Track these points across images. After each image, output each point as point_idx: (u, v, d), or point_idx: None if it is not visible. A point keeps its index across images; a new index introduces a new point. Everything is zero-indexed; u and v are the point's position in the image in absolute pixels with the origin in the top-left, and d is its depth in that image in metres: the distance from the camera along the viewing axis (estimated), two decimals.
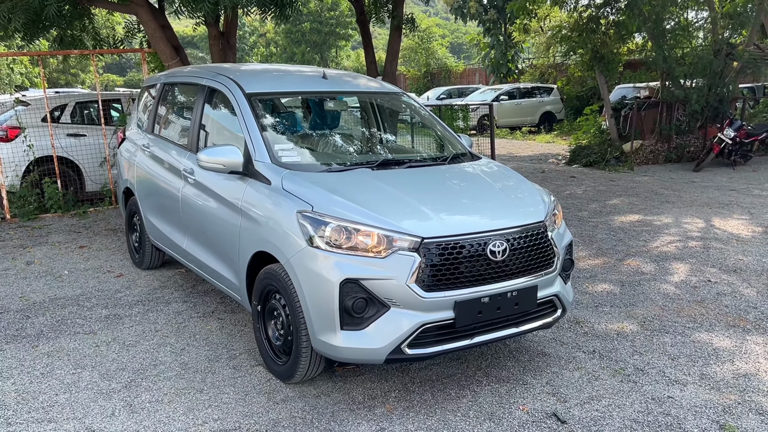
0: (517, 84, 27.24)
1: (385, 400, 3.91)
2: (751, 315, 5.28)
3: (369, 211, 3.71)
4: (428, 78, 39.84)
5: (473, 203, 4.09)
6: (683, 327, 5.04)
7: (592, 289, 5.97)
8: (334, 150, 4.87)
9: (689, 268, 6.57)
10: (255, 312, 4.26)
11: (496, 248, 3.75)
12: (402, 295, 3.56)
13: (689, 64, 13.91)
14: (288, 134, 4.75)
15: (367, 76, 11.38)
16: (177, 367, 4.34)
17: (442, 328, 3.70)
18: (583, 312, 5.38)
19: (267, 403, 3.86)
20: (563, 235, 4.32)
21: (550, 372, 4.29)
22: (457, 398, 3.93)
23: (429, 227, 3.68)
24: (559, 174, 13.34)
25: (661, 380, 4.16)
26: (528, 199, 4.27)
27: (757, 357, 4.50)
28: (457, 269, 3.66)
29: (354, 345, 3.59)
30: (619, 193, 10.91)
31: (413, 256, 3.58)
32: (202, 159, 4.31)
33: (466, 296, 3.67)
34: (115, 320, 5.21)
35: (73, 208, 9.28)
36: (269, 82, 5.01)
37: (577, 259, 6.93)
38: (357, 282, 3.55)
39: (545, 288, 4.05)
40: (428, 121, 5.41)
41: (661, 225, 8.49)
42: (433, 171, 4.54)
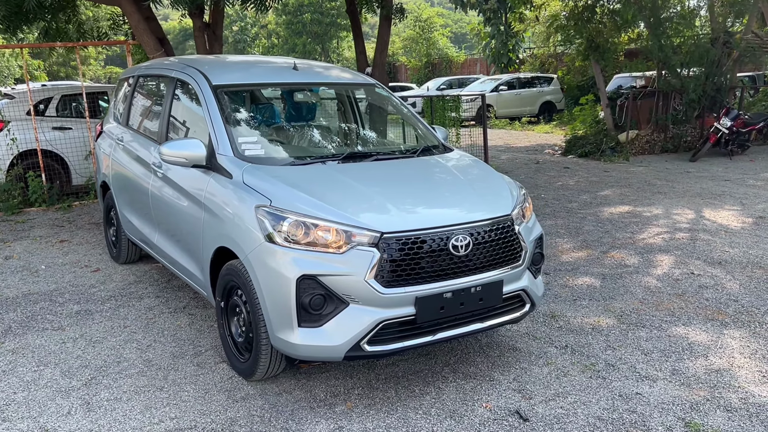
0: (516, 74, 27.06)
1: (347, 398, 3.84)
2: (730, 308, 5.19)
3: (328, 206, 3.63)
4: (429, 68, 39.68)
5: (437, 197, 4.01)
6: (660, 321, 4.96)
7: (572, 282, 5.89)
8: (301, 143, 4.79)
9: (674, 260, 6.48)
10: (218, 308, 4.20)
11: (458, 243, 3.68)
12: (361, 291, 3.49)
13: (686, 53, 13.76)
14: (254, 127, 4.67)
15: (357, 66, 11.30)
16: (140, 364, 4.29)
17: (403, 324, 3.63)
18: (560, 306, 5.31)
19: (226, 401, 3.80)
20: (532, 228, 4.24)
21: (519, 368, 4.22)
22: (421, 395, 3.87)
23: (389, 222, 3.60)
24: (553, 165, 13.24)
25: (631, 376, 4.09)
26: (495, 193, 4.18)
27: (732, 352, 4.42)
28: (418, 264, 3.59)
29: (312, 342, 3.53)
30: (611, 184, 10.81)
31: (372, 251, 3.50)
32: (164, 152, 4.24)
33: (428, 292, 3.60)
34: (86, 316, 5.16)
35: (57, 202, 9.23)
36: (237, 74, 4.93)
37: (561, 251, 6.85)
38: (314, 278, 3.48)
39: (512, 282, 3.97)
40: (402, 113, 5.33)
41: (650, 216, 8.40)
42: (400, 164, 4.46)
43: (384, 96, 5.39)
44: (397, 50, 44.02)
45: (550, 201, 9.53)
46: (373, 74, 10.80)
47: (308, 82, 5.10)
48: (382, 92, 5.37)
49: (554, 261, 6.51)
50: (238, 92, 4.80)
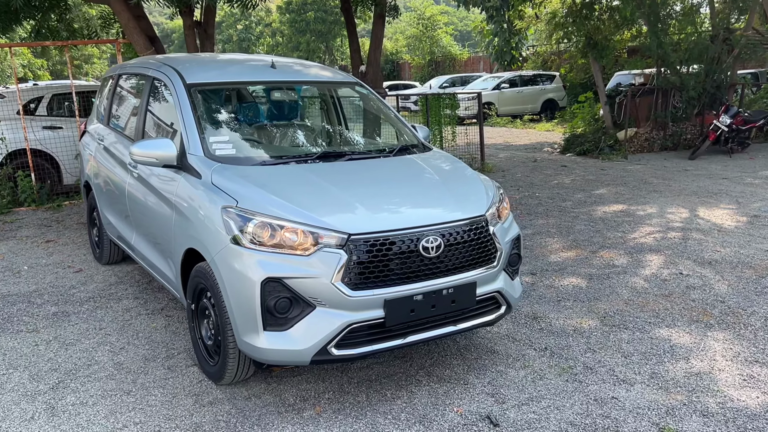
0: (519, 72, 26.94)
1: (316, 402, 3.77)
2: (717, 309, 5.10)
3: (295, 207, 3.56)
4: (432, 66, 39.59)
5: (409, 197, 3.94)
6: (644, 322, 4.87)
7: (558, 282, 5.80)
8: (275, 142, 4.73)
9: (663, 260, 6.38)
10: (189, 310, 4.14)
11: (429, 244, 3.60)
12: (327, 294, 3.42)
13: (685, 50, 13.63)
14: (228, 126, 4.60)
15: (352, 64, 11.21)
16: (111, 368, 4.23)
17: (372, 327, 3.56)
18: (543, 307, 5.22)
19: (193, 405, 3.74)
20: (509, 229, 4.15)
21: (495, 371, 4.14)
22: (392, 399, 3.80)
23: (357, 223, 3.53)
24: (550, 163, 13.14)
25: (608, 379, 4.00)
26: (469, 193, 4.10)
27: (714, 354, 4.33)
28: (387, 266, 3.51)
29: (278, 346, 3.46)
30: (607, 183, 10.71)
31: (339, 253, 3.43)
32: (134, 153, 4.18)
33: (397, 294, 3.53)
34: (62, 318, 5.11)
35: (47, 202, 9.20)
36: (212, 72, 4.86)
37: (550, 251, 6.76)
38: (280, 281, 3.41)
39: (486, 284, 3.89)
40: (382, 111, 5.25)
41: (643, 215, 8.30)
42: (374, 164, 4.38)
43: (364, 94, 5.31)
44: (400, 48, 43.94)
45: (544, 200, 9.44)
46: (367, 72, 10.73)
47: (286, 81, 5.03)
48: (362, 90, 5.29)
49: (542, 261, 6.43)
50: (213, 91, 4.73)
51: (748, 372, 4.08)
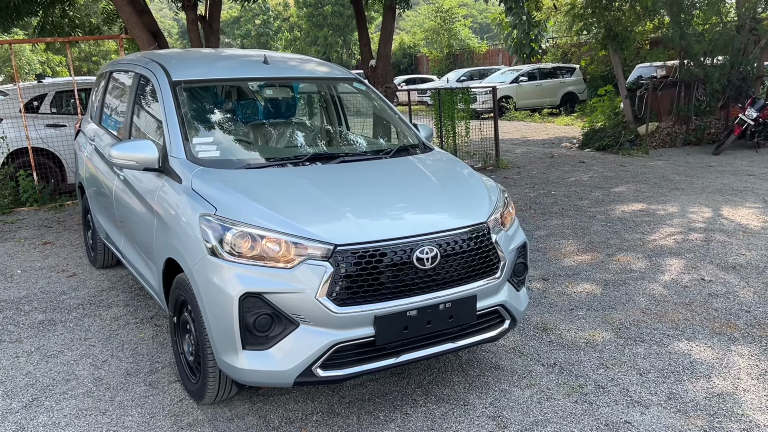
0: (538, 64, 26.44)
1: (303, 425, 3.51)
2: (741, 320, 4.75)
3: (278, 216, 3.29)
4: (451, 59, 39.12)
5: (403, 204, 3.65)
6: (662, 335, 4.54)
7: (571, 289, 5.48)
8: (264, 143, 4.45)
9: (684, 264, 6.03)
10: (171, 323, 3.89)
11: (424, 255, 3.31)
12: (311, 310, 3.14)
13: (709, 41, 13.12)
14: (215, 126, 4.34)
15: (362, 59, 10.92)
16: (90, 383, 3.99)
17: (362, 346, 3.28)
18: (554, 317, 4.91)
19: (171, 428, 3.49)
20: (513, 236, 3.85)
21: (498, 390, 3.84)
22: (385, 422, 3.51)
23: (344, 233, 3.24)
24: (568, 159, 12.75)
25: (621, 400, 3.69)
26: (470, 198, 3.80)
27: (738, 372, 3.99)
28: (377, 280, 3.23)
29: (258, 367, 3.19)
30: (626, 180, 10.31)
31: (324, 265, 3.15)
32: (114, 155, 3.93)
33: (389, 310, 3.24)
34: (48, 327, 4.89)
35: (49, 201, 9.02)
36: (200, 69, 4.60)
37: (563, 254, 6.43)
38: (260, 296, 3.14)
39: (488, 297, 3.60)
40: (382, 110, 4.95)
41: (664, 215, 7.92)
42: (368, 166, 4.09)
43: (363, 91, 5.02)
44: (418, 41, 43.50)
45: (560, 198, 9.09)
46: (377, 67, 10.43)
47: (278, 77, 4.74)
48: (360, 87, 5.00)
49: (555, 265, 6.10)
50: (201, 89, 4.47)
51: None
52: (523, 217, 7.98)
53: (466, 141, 11.55)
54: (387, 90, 10.41)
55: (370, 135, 5.21)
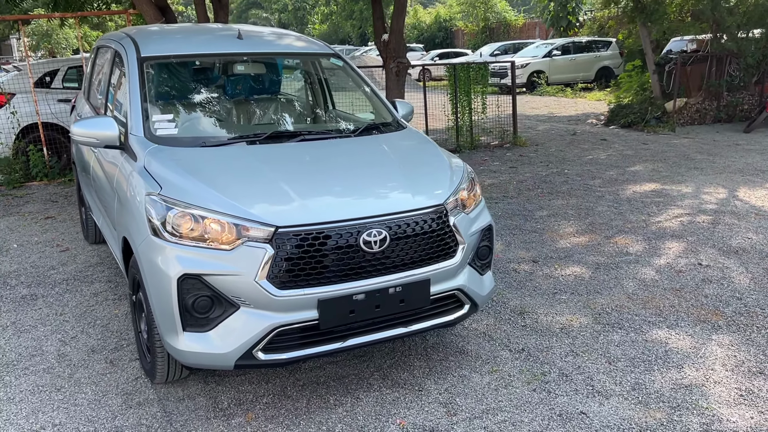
0: (572, 38, 25.79)
1: (251, 407, 3.48)
2: (730, 308, 4.56)
3: (221, 196, 3.23)
4: (486, 33, 38.49)
5: (357, 184, 3.55)
6: (642, 321, 4.39)
7: (559, 272, 5.33)
8: (227, 121, 4.38)
9: (684, 247, 5.82)
10: (130, 302, 3.89)
11: (371, 238, 3.22)
12: (251, 293, 3.10)
13: (743, 13, 12.59)
14: (179, 104, 4.29)
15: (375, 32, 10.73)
16: (53, 359, 4.03)
17: (306, 329, 3.22)
18: (535, 300, 4.78)
19: (121, 406, 3.50)
20: (477, 218, 3.73)
21: (458, 375, 3.76)
22: (334, 407, 3.47)
23: (286, 214, 3.18)
24: (590, 136, 12.43)
25: (582, 390, 3.57)
26: (430, 180, 3.69)
27: (713, 363, 3.83)
28: (321, 263, 3.16)
29: (198, 349, 3.16)
30: (646, 158, 10.01)
31: (264, 248, 3.09)
32: (75, 132, 3.91)
33: (333, 294, 3.18)
34: (30, 301, 4.96)
35: (59, 176, 9.15)
36: (171, 44, 4.55)
37: (560, 236, 6.27)
38: (199, 278, 3.10)
39: (443, 282, 3.50)
40: (359, 86, 4.84)
41: (676, 195, 7.66)
42: (329, 145, 3.99)
43: (341, 67, 4.91)
44: (454, 14, 42.85)
45: (572, 177, 8.86)
46: (390, 41, 10.24)
47: (251, 53, 4.65)
48: (338, 63, 4.88)
49: (548, 247, 5.94)
50: (170, 65, 4.42)
51: (748, 386, 3.58)
52: (528, 197, 7.81)
53: (482, 117, 11.33)
54: (399, 65, 10.23)
55: (342, 112, 5.08)
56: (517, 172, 9.31)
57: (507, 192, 8.11)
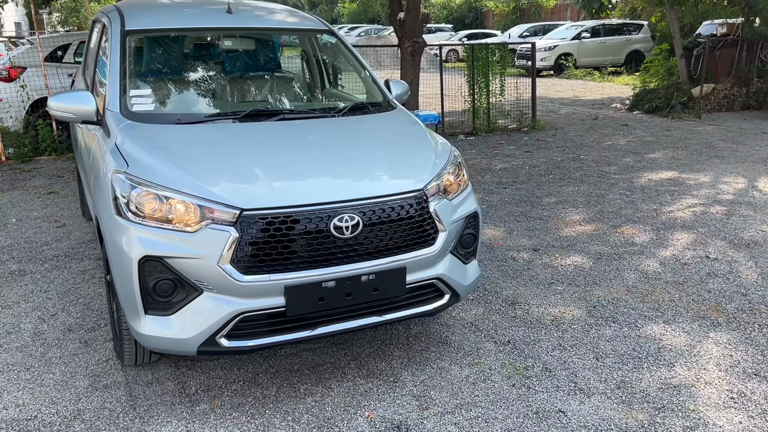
0: (602, 20, 25.18)
1: (219, 394, 3.39)
2: (733, 304, 4.36)
3: (187, 176, 3.11)
4: (517, 14, 37.85)
5: (333, 167, 3.41)
6: (638, 316, 4.21)
7: (559, 261, 5.15)
8: (208, 98, 4.25)
9: (693, 239, 5.59)
10: (106, 282, 3.81)
11: (343, 223, 3.08)
12: (214, 277, 2.99)
13: None
14: (161, 79, 4.18)
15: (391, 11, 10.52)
16: (28, 337, 3.98)
17: (273, 316, 3.11)
18: (529, 290, 4.62)
19: (87, 389, 3.43)
20: (460, 205, 3.56)
21: (437, 367, 3.63)
22: (303, 396, 3.36)
23: (253, 196, 3.05)
24: (612, 121, 12.11)
25: (564, 387, 3.42)
26: (411, 163, 3.54)
27: (706, 362, 3.65)
28: (288, 248, 3.03)
29: (160, 333, 3.06)
30: (666, 145, 9.71)
31: (228, 231, 2.97)
32: (51, 106, 3.81)
33: (301, 280, 3.05)
34: (17, 277, 4.92)
35: (67, 151, 9.15)
36: (157, 17, 4.43)
37: (565, 224, 6.07)
38: (161, 260, 3.00)
39: (420, 270, 3.36)
40: (351, 64, 4.68)
41: (693, 184, 7.40)
42: (309, 125, 3.85)
43: (333, 44, 4.75)
44: None
45: (587, 163, 8.62)
46: (405, 20, 10.04)
47: (239, 27, 4.52)
48: (330, 39, 4.73)
49: (551, 235, 5.76)
50: (155, 39, 4.31)
51: (741, 388, 3.40)
52: (539, 183, 7.60)
53: (500, 100, 11.08)
54: (415, 44, 10.03)
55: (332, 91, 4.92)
56: (532, 157, 9.09)
57: (517, 177, 7.91)
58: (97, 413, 3.22)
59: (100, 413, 3.22)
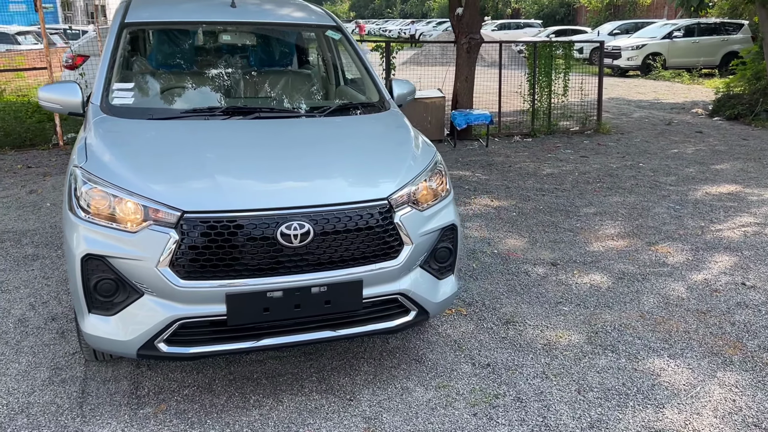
0: (699, 18, 23.81)
1: (168, 398, 3.30)
2: (756, 341, 3.91)
3: (135, 174, 3.03)
4: (611, 11, 36.45)
5: (291, 170, 3.24)
6: (642, 347, 3.84)
7: (575, 279, 4.81)
8: (189, 93, 4.16)
9: (733, 262, 5.10)
10: None
11: (291, 231, 2.92)
12: (153, 280, 2.89)
13: None
14: (150, 73, 4.13)
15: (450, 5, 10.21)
16: (11, 324, 4.02)
17: (216, 324, 2.99)
18: (531, 309, 4.32)
19: (44, 381, 3.41)
20: (434, 216, 3.32)
21: (400, 387, 3.41)
22: (251, 408, 3.22)
23: (197, 199, 2.93)
24: (686, 127, 11.38)
25: (530, 421, 3.13)
26: (380, 169, 3.33)
27: (703, 405, 3.27)
28: (230, 255, 2.90)
29: (102, 333, 2.99)
30: (738, 156, 9.01)
31: (168, 233, 2.87)
32: (40, 96, 3.84)
33: (243, 289, 2.92)
34: (29, 262, 5.03)
35: None
36: (158, 10, 4.38)
37: (596, 238, 5.68)
38: (103, 259, 2.93)
39: (380, 284, 3.15)
40: (354, 62, 4.49)
41: (754, 201, 6.81)
42: (283, 124, 3.69)
43: (336, 41, 4.57)
44: None
45: (644, 172, 8.10)
46: (464, 15, 9.74)
47: (240, 22, 4.41)
48: (334, 36, 4.55)
49: (577, 249, 5.39)
50: (153, 31, 4.27)
51: None
52: (582, 191, 7.18)
53: (562, 100, 10.60)
54: (471, 41, 9.71)
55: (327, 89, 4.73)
56: (585, 163, 8.63)
57: (562, 183, 7.51)
58: (44, 408, 3.19)
59: (46, 408, 3.19)
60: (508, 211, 6.46)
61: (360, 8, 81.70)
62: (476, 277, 4.85)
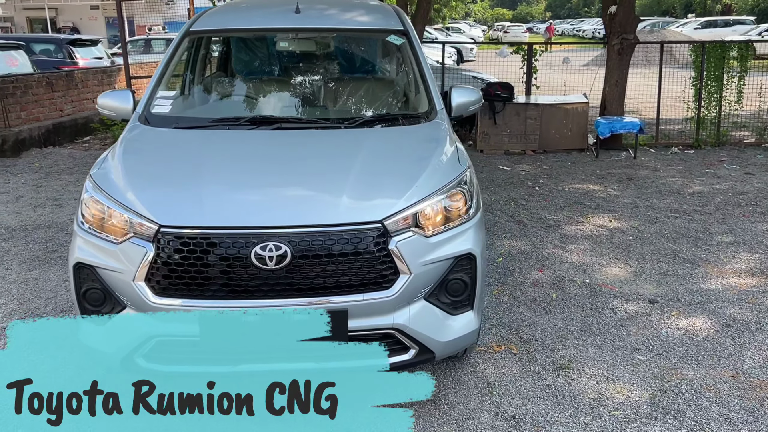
0: None
1: None
2: None
3: (126, 184, 3.09)
4: None
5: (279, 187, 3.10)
6: (717, 416, 3.21)
7: (668, 321, 4.16)
8: (228, 103, 4.08)
9: None
10: None
11: (266, 253, 2.72)
12: (131, 294, 2.88)
13: None
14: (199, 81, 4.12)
15: (602, 4, 9.35)
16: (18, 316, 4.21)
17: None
18: (598, 354, 3.77)
19: None
20: (444, 243, 2.96)
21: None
22: None
23: (174, 213, 2.87)
24: None
25: None
26: (384, 189, 3.04)
27: None
28: (203, 273, 2.78)
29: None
30: None
31: (146, 247, 2.80)
32: (99, 103, 4.01)
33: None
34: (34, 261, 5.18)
35: None
36: (222, 18, 4.40)
37: (721, 272, 4.87)
38: (92, 269, 2.95)
39: (371, 316, 2.88)
40: (413, 69, 4.15)
41: None
42: (302, 136, 3.57)
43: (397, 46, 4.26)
44: None
45: None
46: (617, 14, 8.90)
47: (302, 28, 4.28)
48: (397, 42, 4.23)
49: (689, 285, 4.67)
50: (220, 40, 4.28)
51: None
52: (726, 215, 6.23)
53: (735, 108, 9.33)
54: (623, 41, 8.85)
55: (379, 98, 4.37)
56: (747, 181, 7.52)
57: (705, 205, 6.57)
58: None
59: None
60: (625, 234, 5.73)
61: (556, 8, 79.54)
62: (550, 309, 4.31)
